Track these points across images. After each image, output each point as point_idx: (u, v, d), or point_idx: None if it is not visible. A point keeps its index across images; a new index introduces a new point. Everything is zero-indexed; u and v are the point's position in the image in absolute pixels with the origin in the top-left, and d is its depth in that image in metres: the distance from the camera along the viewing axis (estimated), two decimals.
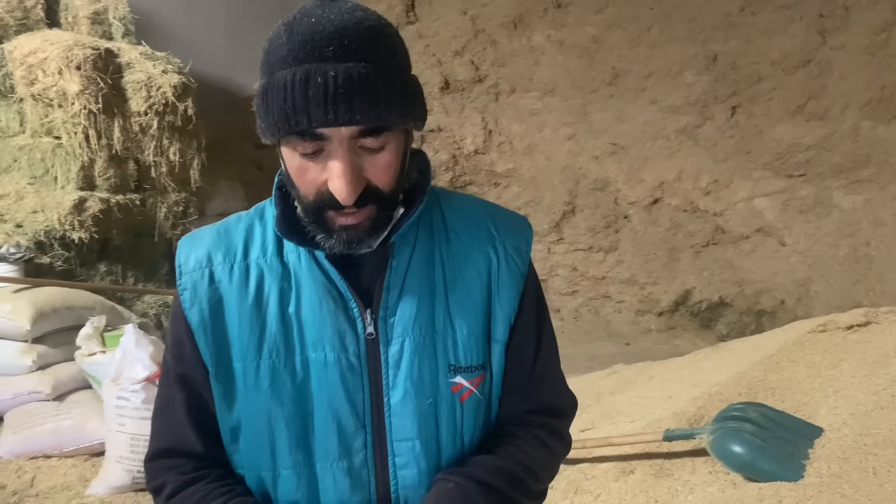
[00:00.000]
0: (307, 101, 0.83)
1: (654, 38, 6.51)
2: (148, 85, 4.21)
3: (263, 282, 0.97)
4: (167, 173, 4.46)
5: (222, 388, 0.97)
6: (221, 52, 6.41)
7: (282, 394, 0.95)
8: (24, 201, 4.05)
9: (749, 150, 5.83)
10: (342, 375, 0.95)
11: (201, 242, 1.01)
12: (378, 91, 0.85)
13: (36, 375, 3.29)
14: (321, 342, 0.95)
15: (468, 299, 0.99)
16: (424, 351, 0.96)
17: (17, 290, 3.45)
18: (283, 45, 0.87)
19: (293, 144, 0.87)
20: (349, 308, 0.96)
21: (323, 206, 0.89)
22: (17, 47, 4.05)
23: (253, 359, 0.95)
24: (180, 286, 0.98)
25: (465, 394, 0.99)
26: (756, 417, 2.24)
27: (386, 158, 0.89)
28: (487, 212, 1.07)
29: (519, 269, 1.03)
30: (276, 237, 0.99)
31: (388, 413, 0.96)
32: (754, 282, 5.54)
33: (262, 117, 0.88)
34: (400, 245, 0.97)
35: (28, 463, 3.13)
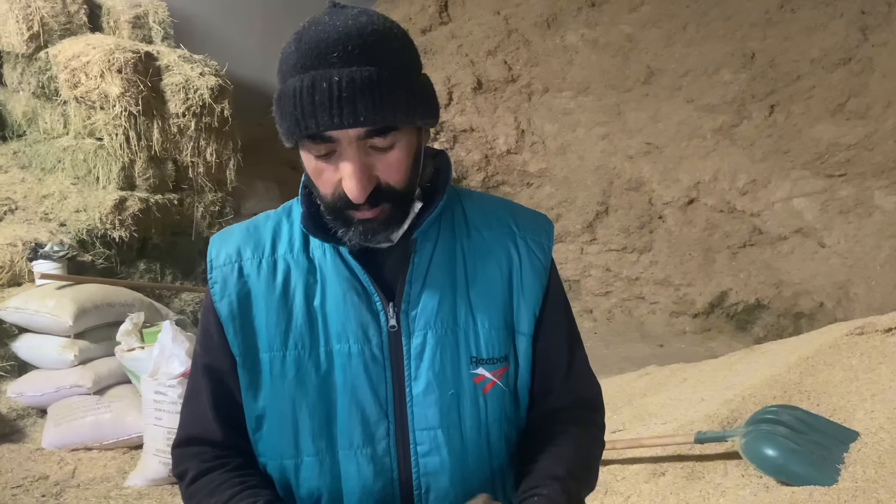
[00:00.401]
0: (314, 106, 0.87)
1: (691, 36, 6.43)
2: (186, 87, 4.30)
3: (290, 276, 1.01)
4: (204, 173, 4.54)
5: (248, 378, 1.00)
6: (257, 54, 6.50)
7: (306, 383, 0.99)
8: (67, 201, 4.17)
9: (787, 150, 5.72)
10: (365, 366, 0.98)
11: (231, 239, 1.05)
12: (381, 92, 0.88)
13: (78, 370, 3.39)
14: (345, 334, 0.99)
15: (489, 293, 1.03)
16: (446, 343, 1.00)
17: (60, 286, 3.55)
18: (293, 53, 0.91)
19: (307, 147, 0.92)
20: (372, 301, 0.99)
21: (340, 205, 0.94)
22: (62, 51, 4.17)
23: (279, 349, 0.99)
24: (211, 280, 1.03)
25: (488, 385, 1.01)
26: (790, 420, 2.20)
27: (396, 157, 0.92)
28: (508, 209, 1.10)
29: (541, 263, 1.06)
30: (303, 234, 1.03)
31: (411, 403, 0.99)
32: (792, 283, 5.43)
33: (278, 123, 0.93)
34: (422, 241, 1.01)
35: (69, 454, 3.23)
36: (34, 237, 3.86)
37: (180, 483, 1.06)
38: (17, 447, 3.27)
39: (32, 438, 3.34)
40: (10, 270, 3.76)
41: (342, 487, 1.00)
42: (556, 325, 1.08)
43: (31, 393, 3.40)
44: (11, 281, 3.77)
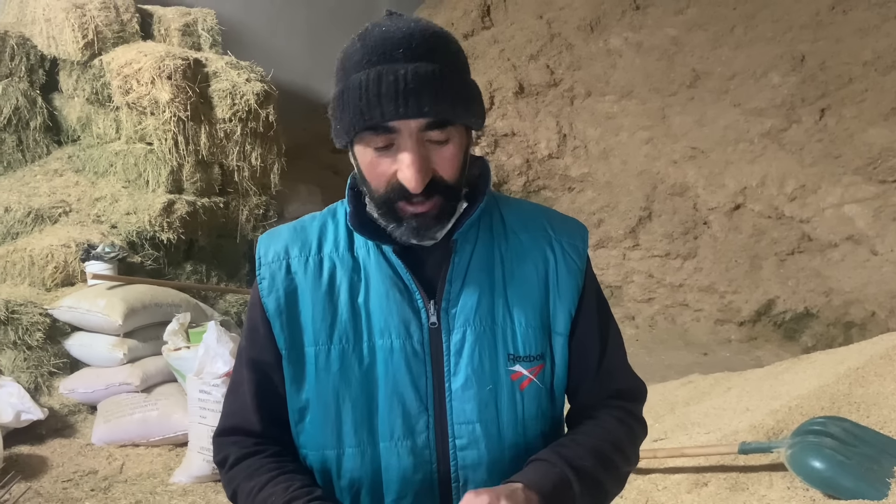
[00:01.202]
0: (380, 97, 0.91)
1: (738, 38, 6.31)
2: (232, 93, 4.39)
3: (335, 273, 1.05)
4: (249, 177, 4.63)
5: (293, 371, 1.04)
6: (302, 60, 6.61)
7: (350, 377, 1.02)
8: (118, 203, 4.29)
9: (839, 155, 5.56)
10: (407, 361, 1.02)
11: (279, 238, 1.09)
12: (444, 87, 0.93)
13: (126, 368, 3.48)
14: (387, 330, 1.02)
15: (526, 293, 1.06)
16: (484, 340, 1.03)
17: (111, 287, 3.66)
18: (357, 51, 0.96)
19: (366, 140, 0.96)
20: (414, 299, 1.03)
21: (393, 198, 0.97)
22: (115, 59, 4.30)
23: (324, 343, 1.03)
24: (259, 276, 1.07)
25: (525, 382, 1.05)
26: (838, 432, 2.14)
27: (451, 151, 0.97)
28: (543, 214, 1.15)
29: (577, 265, 1.10)
30: (348, 234, 1.07)
31: (450, 398, 1.03)
32: (843, 292, 5.27)
33: (338, 118, 0.98)
34: (462, 242, 1.05)
35: (118, 450, 3.32)
36: (87, 239, 3.99)
37: (220, 469, 1.11)
38: (68, 442, 3.38)
39: (83, 434, 3.45)
40: (64, 271, 3.89)
41: (382, 478, 1.03)
42: (593, 325, 1.11)
43: (82, 390, 3.51)
44: (65, 281, 3.90)
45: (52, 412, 3.43)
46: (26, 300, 3.63)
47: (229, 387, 1.13)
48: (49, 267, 3.85)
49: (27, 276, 3.88)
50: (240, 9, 6.06)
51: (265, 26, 6.34)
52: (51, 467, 3.17)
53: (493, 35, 7.12)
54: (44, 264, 3.85)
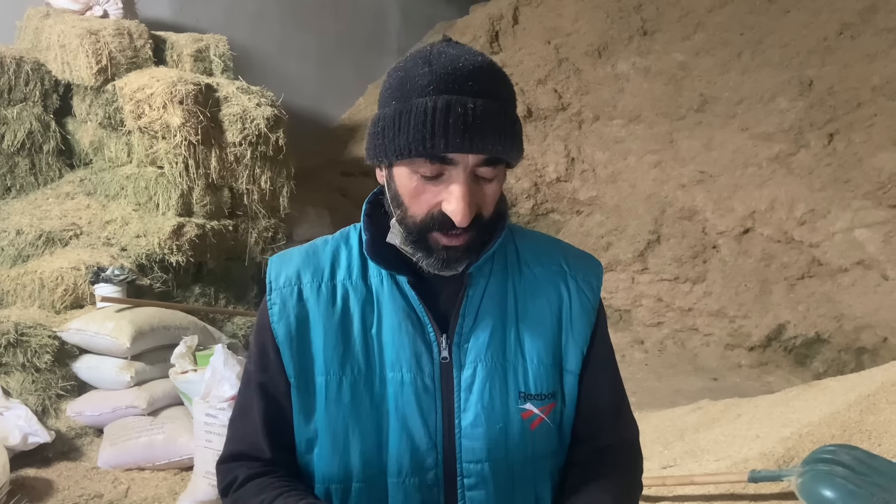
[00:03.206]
0: (447, 127, 0.90)
1: (745, 63, 6.33)
2: (243, 117, 4.43)
3: (348, 302, 1.03)
4: (258, 200, 4.66)
5: (302, 400, 1.02)
6: (312, 85, 6.69)
7: (360, 409, 1.00)
8: (128, 226, 4.32)
9: (848, 179, 5.54)
10: (417, 396, 1.00)
11: (291, 262, 1.07)
12: (506, 126, 0.94)
13: (133, 391, 3.48)
14: (399, 363, 1.00)
15: (539, 329, 1.04)
16: (495, 377, 1.01)
17: (119, 309, 3.67)
18: (424, 75, 0.93)
19: (416, 167, 0.94)
20: (426, 332, 1.01)
21: (431, 227, 0.96)
22: (127, 84, 4.36)
23: (335, 373, 1.01)
24: (270, 301, 1.04)
25: (536, 421, 1.02)
26: (849, 461, 2.11)
27: (493, 189, 0.97)
28: (559, 248, 1.13)
29: (590, 303, 1.08)
30: (361, 261, 1.06)
31: (459, 435, 1.00)
32: (854, 317, 5.23)
33: (391, 138, 0.94)
34: (476, 276, 1.03)
35: (123, 474, 3.31)
36: (97, 261, 4.01)
37: (225, 495, 1.07)
38: (74, 465, 3.37)
39: (89, 457, 3.44)
40: (74, 293, 3.91)
41: None
42: (603, 365, 1.09)
43: (89, 412, 3.51)
44: (74, 303, 3.91)
45: (59, 435, 3.43)
46: (36, 322, 3.65)
47: (235, 411, 1.10)
48: (59, 289, 3.88)
49: (37, 299, 3.90)
50: (251, 35, 6.15)
51: (276, 52, 6.43)
52: (57, 490, 3.16)
53: (501, 60, 7.17)
54: (53, 287, 3.88)
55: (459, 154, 0.91)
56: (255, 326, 1.09)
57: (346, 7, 7.15)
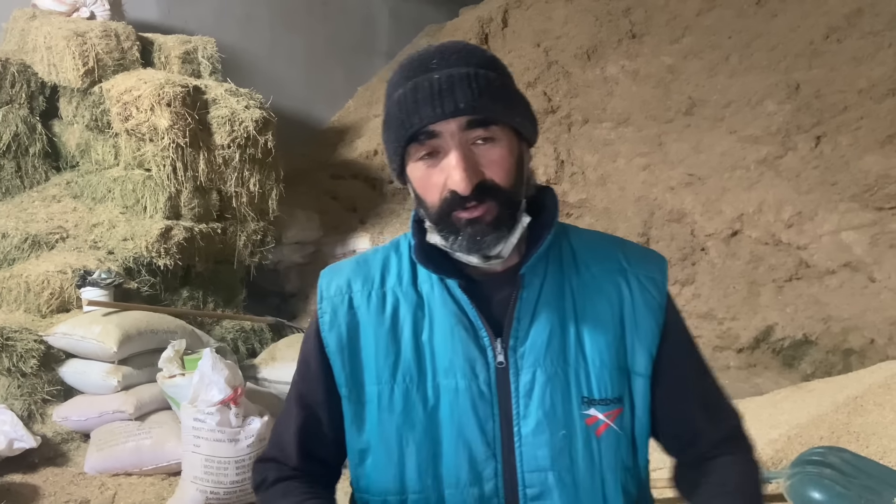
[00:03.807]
0: (417, 103, 0.91)
1: (733, 67, 6.36)
2: (231, 120, 4.41)
3: (399, 309, 1.02)
4: (247, 203, 4.63)
5: (354, 410, 1.01)
6: (301, 87, 6.67)
7: (413, 418, 0.98)
8: (115, 229, 4.29)
9: (835, 182, 5.58)
10: (473, 403, 0.97)
11: (341, 272, 1.07)
12: (479, 85, 0.92)
13: (120, 395, 3.45)
14: (452, 369, 0.98)
15: (600, 331, 1.00)
16: (556, 381, 0.97)
17: (106, 313, 3.64)
18: (395, 73, 0.98)
19: (413, 154, 0.95)
20: (479, 336, 0.98)
21: (447, 208, 0.94)
22: (114, 86, 4.33)
23: (387, 382, 0.99)
24: (321, 310, 1.04)
25: (602, 427, 0.98)
26: (837, 463, 2.12)
27: (498, 152, 0.94)
28: (617, 244, 1.09)
29: (656, 300, 1.03)
30: (411, 267, 1.04)
31: (519, 443, 0.96)
32: (842, 319, 5.26)
33: (387, 141, 0.97)
34: (529, 276, 1.00)
35: (111, 479, 3.28)
36: (83, 265, 3.98)
37: (257, 491, 1.11)
38: (60, 471, 3.34)
39: (76, 462, 3.41)
40: (60, 297, 3.87)
41: None
42: (682, 363, 1.05)
43: (75, 417, 3.48)
44: (60, 307, 3.88)
45: (45, 440, 3.39)
46: (21, 327, 3.61)
47: (280, 415, 1.13)
48: (45, 293, 3.84)
49: (22, 303, 3.87)
50: (239, 37, 6.12)
51: (264, 54, 6.41)
52: (43, 496, 3.13)
53: None
54: (39, 290, 3.84)
55: (440, 125, 0.91)
56: (305, 336, 1.09)
57: (335, 10, 7.13)
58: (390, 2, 7.71)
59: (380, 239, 5.29)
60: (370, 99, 7.27)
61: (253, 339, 4.56)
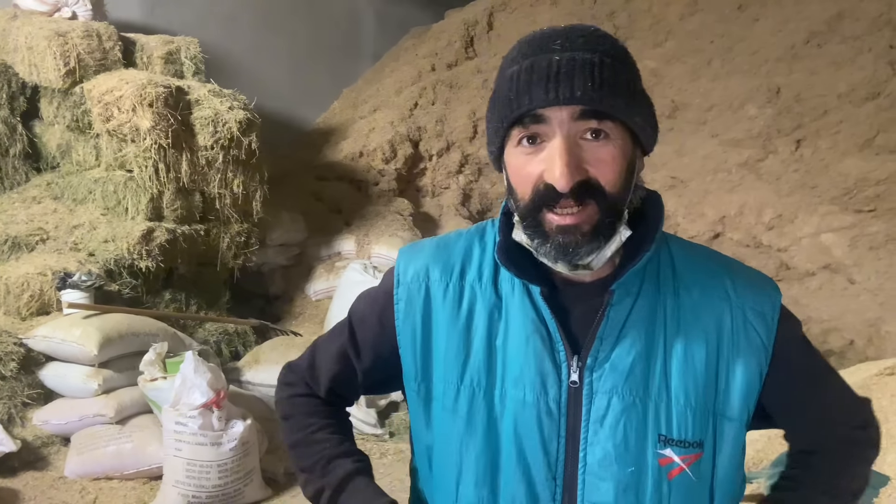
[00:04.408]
0: (530, 84, 0.83)
1: (715, 71, 6.43)
2: (215, 121, 4.38)
3: (475, 307, 0.95)
4: (230, 205, 4.61)
5: (422, 406, 0.97)
6: (285, 88, 6.64)
7: (476, 424, 0.92)
8: (96, 231, 4.25)
9: (815, 185, 5.65)
10: (539, 419, 0.90)
11: (420, 254, 1.00)
12: (602, 74, 0.83)
13: (101, 399, 3.42)
14: (522, 380, 0.91)
15: (691, 365, 0.90)
16: (633, 413, 0.89)
17: (87, 316, 3.60)
18: (514, 49, 0.90)
19: (514, 138, 0.87)
20: (556, 350, 0.91)
21: (539, 205, 0.86)
22: (96, 86, 4.29)
23: (454, 382, 0.94)
24: (396, 296, 0.99)
25: (675, 470, 0.90)
26: None
27: (609, 151, 0.85)
28: (726, 267, 0.97)
29: (761, 340, 0.92)
30: (494, 263, 0.96)
31: (583, 471, 0.90)
32: (821, 320, 5.32)
33: (490, 120, 0.90)
34: (621, 293, 0.90)
35: (91, 483, 3.24)
36: (63, 267, 3.93)
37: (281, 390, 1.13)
38: (40, 475, 3.30)
39: (56, 466, 3.37)
40: (40, 299, 3.83)
41: None
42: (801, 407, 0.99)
43: (55, 421, 3.44)
44: (40, 310, 3.84)
45: (25, 444, 3.35)
46: (0, 329, 3.57)
47: (328, 336, 1.10)
48: (24, 295, 3.80)
49: (2, 305, 3.82)
50: (223, 37, 6.09)
51: (248, 55, 6.38)
52: (23, 501, 3.09)
53: (476, 65, 7.20)
54: (19, 293, 3.79)
55: (550, 109, 0.82)
56: (369, 296, 1.05)
57: (319, 11, 7.12)
58: (375, 4, 7.70)
59: (365, 241, 5.28)
60: (355, 100, 7.26)
61: (236, 341, 4.53)
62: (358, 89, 7.48)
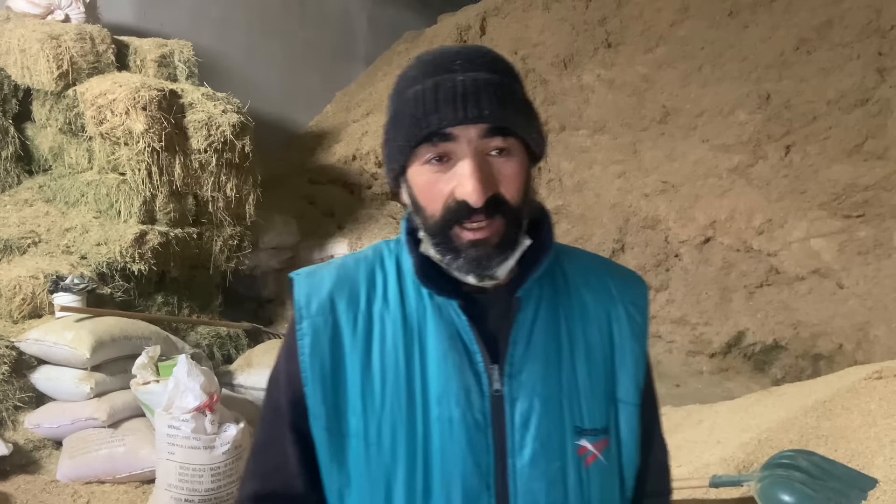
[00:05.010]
0: (437, 102, 0.85)
1: (706, 76, 6.47)
2: (208, 124, 4.39)
3: (387, 335, 0.93)
4: (223, 208, 4.61)
5: (335, 445, 0.93)
6: (279, 91, 6.65)
7: (401, 451, 0.91)
8: (89, 234, 4.24)
9: (804, 190, 5.70)
10: (468, 434, 0.91)
11: (322, 284, 0.96)
12: (505, 94, 0.87)
13: (93, 402, 3.41)
14: (447, 397, 0.91)
15: (591, 358, 0.97)
16: (552, 410, 0.93)
17: (79, 319, 3.59)
18: (412, 68, 0.92)
19: (421, 157, 0.88)
20: (475, 361, 0.92)
21: (450, 222, 0.88)
22: (89, 89, 4.29)
23: (375, 414, 0.92)
24: (300, 331, 0.94)
25: (591, 458, 0.95)
26: (807, 466, 2.17)
27: (513, 167, 0.89)
28: (605, 267, 1.05)
29: (640, 326, 1.01)
30: (398, 286, 0.96)
31: (513, 475, 0.91)
32: (811, 325, 5.37)
33: (392, 140, 0.90)
34: (525, 299, 0.95)
35: (83, 487, 3.23)
36: (55, 270, 3.93)
37: None
38: (32, 479, 3.29)
39: (48, 470, 3.36)
40: (32, 302, 3.82)
41: None
42: (651, 395, 1.04)
43: (47, 424, 3.43)
44: (32, 313, 3.83)
45: (17, 447, 3.34)
46: None
47: (258, 444, 0.99)
48: (16, 298, 3.78)
49: None
50: (216, 40, 6.09)
51: (242, 58, 6.38)
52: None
53: None
54: (11, 296, 3.78)
55: (458, 128, 0.86)
56: (284, 350, 0.98)
57: (312, 14, 7.13)
58: (368, 8, 7.73)
59: (358, 244, 5.29)
60: (348, 104, 7.27)
61: (229, 344, 4.53)
62: (351, 93, 7.50)
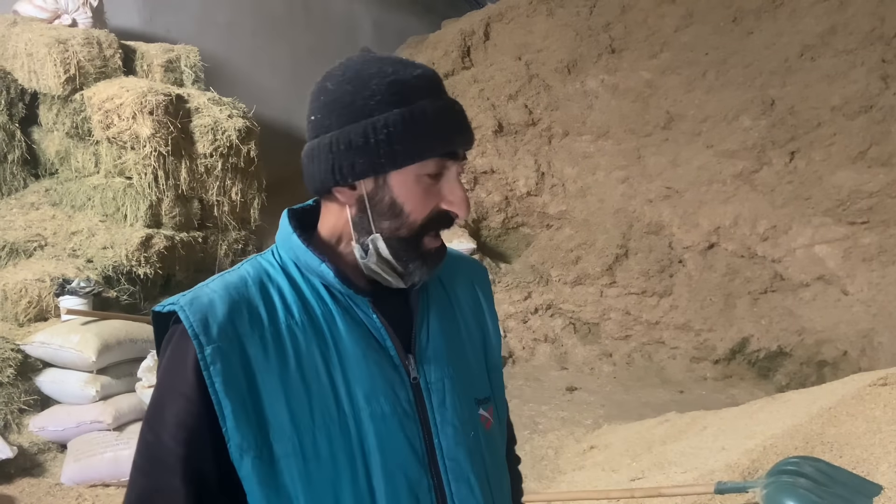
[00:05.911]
0: (458, 124, 0.95)
1: (710, 82, 6.48)
2: (214, 129, 4.41)
3: (299, 346, 0.91)
4: (229, 212, 4.63)
5: (266, 471, 0.89)
6: (284, 96, 6.67)
7: (342, 459, 0.91)
8: (95, 238, 4.26)
9: (808, 196, 5.70)
10: (401, 424, 0.94)
11: (214, 308, 0.90)
12: None
13: (99, 405, 3.42)
14: (374, 395, 0.92)
15: (471, 335, 1.08)
16: (459, 388, 1.01)
17: (85, 322, 3.61)
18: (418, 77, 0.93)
19: (424, 168, 0.92)
20: (391, 356, 0.95)
21: (426, 229, 0.94)
22: (96, 94, 4.31)
23: (308, 429, 0.90)
24: (205, 359, 0.86)
25: (487, 423, 1.05)
26: (811, 472, 2.17)
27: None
28: (453, 257, 1.12)
29: (492, 301, 1.15)
30: (296, 295, 0.94)
31: (442, 454, 0.97)
32: (815, 331, 5.36)
33: (400, 142, 0.90)
34: (420, 290, 1.02)
35: (88, 490, 3.24)
36: (62, 273, 3.94)
37: None
38: (36, 482, 3.29)
39: (52, 473, 3.37)
40: (38, 305, 3.83)
41: None
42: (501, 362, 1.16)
43: (52, 427, 3.44)
44: (38, 316, 3.84)
45: (22, 451, 3.35)
46: None
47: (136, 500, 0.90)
48: (22, 301, 3.80)
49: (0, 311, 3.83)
50: (222, 46, 6.12)
51: (248, 63, 6.41)
52: None
53: (473, 75, 7.24)
54: (17, 299, 3.80)
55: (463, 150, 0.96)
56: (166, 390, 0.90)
57: (318, 19, 7.16)
58: (373, 13, 7.76)
59: None
60: None
61: None
62: None
